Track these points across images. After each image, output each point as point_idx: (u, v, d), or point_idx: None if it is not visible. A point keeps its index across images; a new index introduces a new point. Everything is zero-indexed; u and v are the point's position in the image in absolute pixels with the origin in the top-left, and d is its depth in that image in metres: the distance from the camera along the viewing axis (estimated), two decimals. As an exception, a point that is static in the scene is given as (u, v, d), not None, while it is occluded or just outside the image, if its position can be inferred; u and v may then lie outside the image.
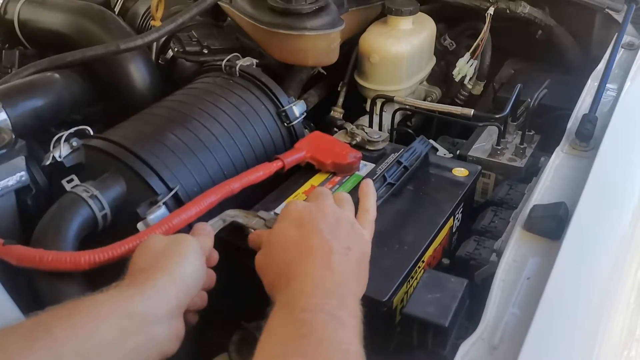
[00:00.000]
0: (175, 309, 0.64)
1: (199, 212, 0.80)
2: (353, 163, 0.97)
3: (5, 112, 0.93)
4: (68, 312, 0.58)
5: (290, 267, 0.68)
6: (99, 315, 0.59)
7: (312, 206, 0.76)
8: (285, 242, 0.72)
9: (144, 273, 0.65)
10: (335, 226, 0.73)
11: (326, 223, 0.73)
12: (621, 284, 0.74)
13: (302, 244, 0.71)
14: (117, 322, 0.59)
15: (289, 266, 0.69)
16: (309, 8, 1.18)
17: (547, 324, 0.65)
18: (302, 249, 0.70)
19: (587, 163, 0.92)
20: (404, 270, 0.78)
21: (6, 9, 1.29)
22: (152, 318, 0.62)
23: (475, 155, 1.14)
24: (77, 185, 0.82)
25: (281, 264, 0.70)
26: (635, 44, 1.30)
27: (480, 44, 1.40)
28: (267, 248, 0.74)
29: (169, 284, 0.64)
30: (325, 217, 0.74)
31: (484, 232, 0.94)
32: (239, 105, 1.02)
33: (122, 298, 0.61)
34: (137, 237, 0.74)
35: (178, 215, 0.78)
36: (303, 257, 0.69)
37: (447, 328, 0.70)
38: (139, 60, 1.13)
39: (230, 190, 0.82)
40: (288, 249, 0.71)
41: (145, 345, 0.61)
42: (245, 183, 0.86)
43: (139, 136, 0.91)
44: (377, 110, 1.28)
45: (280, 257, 0.71)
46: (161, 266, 0.66)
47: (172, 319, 0.64)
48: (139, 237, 0.74)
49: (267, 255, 0.74)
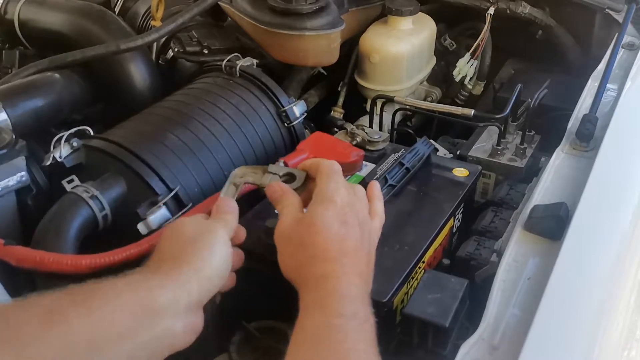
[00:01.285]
0: (195, 304, 0.62)
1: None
2: (356, 161, 0.97)
3: (6, 112, 0.93)
4: (86, 295, 0.57)
5: (327, 263, 0.67)
6: (117, 303, 0.57)
7: (350, 205, 0.73)
8: (328, 235, 0.68)
9: (169, 262, 0.63)
10: (366, 231, 0.73)
11: (362, 227, 0.72)
12: (621, 284, 0.74)
13: (345, 242, 0.69)
14: (134, 313, 0.57)
15: (326, 262, 0.67)
16: (309, 8, 1.18)
17: (548, 324, 0.65)
18: (344, 247, 0.68)
19: (587, 163, 0.92)
20: (404, 271, 0.78)
21: (6, 9, 1.29)
22: (171, 312, 0.60)
23: (476, 155, 1.14)
24: (78, 186, 0.82)
25: (319, 253, 0.68)
26: (635, 44, 1.30)
27: (480, 44, 1.40)
28: (304, 227, 0.70)
29: (194, 278, 0.62)
30: (362, 220, 0.73)
31: (485, 232, 0.94)
32: (239, 105, 1.02)
33: (143, 288, 0.59)
34: (139, 244, 0.74)
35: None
36: (343, 257, 0.67)
37: (448, 328, 0.70)
38: (139, 61, 1.13)
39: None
40: (330, 242, 0.68)
41: (159, 338, 0.59)
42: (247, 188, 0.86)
43: (139, 136, 0.91)
44: (377, 111, 1.28)
45: (320, 245, 0.68)
46: (187, 258, 0.63)
47: (190, 313, 0.62)
48: (141, 244, 0.74)
49: (302, 234, 0.70)
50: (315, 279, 0.66)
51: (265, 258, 0.81)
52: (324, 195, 0.72)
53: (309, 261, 0.68)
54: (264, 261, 0.81)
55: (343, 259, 0.67)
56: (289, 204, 0.74)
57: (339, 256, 0.67)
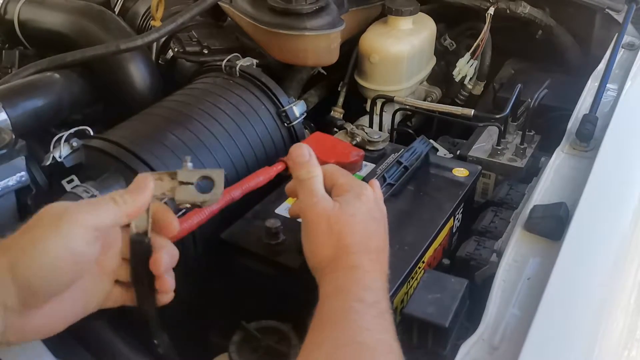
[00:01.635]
0: (12, 307, 0.53)
1: (201, 221, 0.79)
2: (356, 161, 0.97)
3: (6, 112, 0.93)
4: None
5: (359, 256, 0.66)
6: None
7: (376, 201, 0.74)
8: (365, 228, 0.69)
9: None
10: (386, 229, 0.73)
11: (385, 225, 0.73)
12: (621, 284, 0.74)
13: (374, 238, 0.69)
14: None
15: (358, 254, 0.66)
16: (309, 8, 1.18)
17: (548, 324, 0.65)
18: (374, 242, 0.69)
19: (587, 163, 0.92)
20: (404, 271, 0.78)
21: (6, 9, 1.29)
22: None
23: (476, 155, 1.14)
24: (77, 186, 0.82)
25: (354, 245, 0.67)
26: (635, 44, 1.30)
27: (480, 44, 1.40)
28: (347, 217, 0.68)
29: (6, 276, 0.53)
30: (384, 218, 0.74)
31: (484, 232, 0.94)
32: (239, 105, 1.02)
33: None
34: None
35: (180, 224, 0.77)
36: (372, 253, 0.68)
37: (448, 328, 0.70)
38: (139, 61, 1.13)
39: (231, 198, 0.81)
40: (366, 237, 0.68)
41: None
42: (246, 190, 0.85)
43: (139, 136, 0.91)
44: (377, 111, 1.28)
45: (358, 238, 0.68)
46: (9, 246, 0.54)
47: (13, 314, 0.53)
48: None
49: (343, 223, 0.68)
50: (344, 269, 0.65)
51: (265, 258, 0.81)
52: (356, 189, 0.72)
53: (342, 251, 0.67)
54: (264, 261, 0.81)
55: (372, 254, 0.68)
56: (317, 175, 0.72)
57: (369, 251, 0.68)
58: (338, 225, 0.68)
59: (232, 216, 0.87)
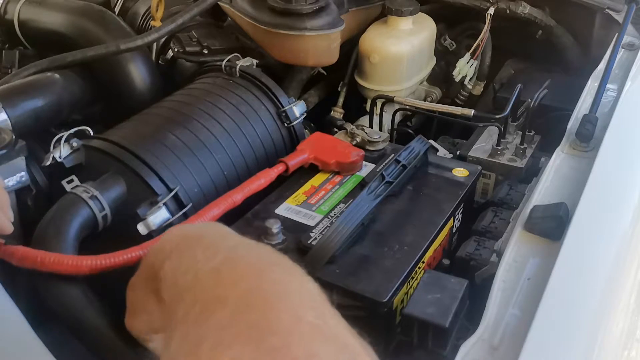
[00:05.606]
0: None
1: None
2: (356, 161, 0.97)
3: (6, 112, 0.93)
4: None
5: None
6: None
7: None
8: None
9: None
10: None
11: None
12: (621, 284, 0.74)
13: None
14: None
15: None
16: (309, 8, 1.18)
17: (548, 325, 0.65)
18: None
19: (587, 163, 0.92)
20: (404, 271, 0.78)
21: (6, 9, 1.29)
22: None
23: (476, 155, 1.14)
24: (77, 186, 0.82)
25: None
26: (635, 44, 1.30)
27: (480, 44, 1.40)
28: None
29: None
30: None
31: (484, 232, 0.94)
32: (239, 105, 1.02)
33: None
34: (141, 247, 0.73)
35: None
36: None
37: (448, 328, 0.70)
38: (139, 61, 1.13)
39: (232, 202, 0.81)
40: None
41: None
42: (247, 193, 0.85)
43: (139, 136, 0.91)
44: (377, 111, 1.28)
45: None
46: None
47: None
48: (143, 247, 0.73)
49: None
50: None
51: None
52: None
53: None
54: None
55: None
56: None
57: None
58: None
59: (232, 216, 0.87)
